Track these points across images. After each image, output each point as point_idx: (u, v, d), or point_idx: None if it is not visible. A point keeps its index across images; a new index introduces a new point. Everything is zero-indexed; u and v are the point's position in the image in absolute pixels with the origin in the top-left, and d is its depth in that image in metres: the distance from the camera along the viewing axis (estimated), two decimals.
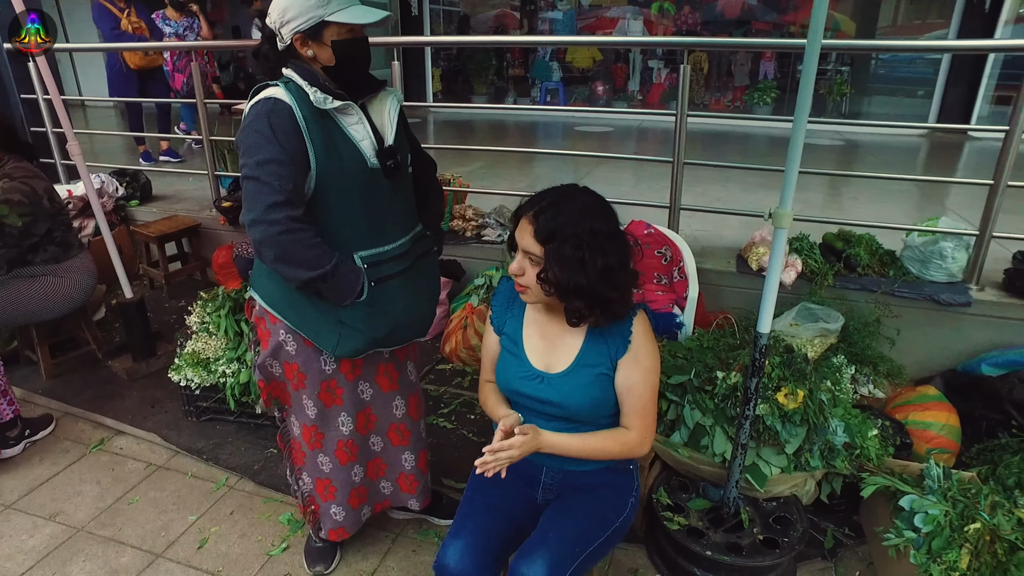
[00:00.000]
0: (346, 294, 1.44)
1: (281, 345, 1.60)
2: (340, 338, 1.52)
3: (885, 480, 1.85)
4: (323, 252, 1.39)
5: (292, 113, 1.37)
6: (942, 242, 2.71)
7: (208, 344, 2.45)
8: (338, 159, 1.42)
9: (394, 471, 1.86)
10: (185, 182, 4.57)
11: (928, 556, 1.66)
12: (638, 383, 1.38)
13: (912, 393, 2.39)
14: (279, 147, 1.34)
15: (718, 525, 1.93)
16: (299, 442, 1.77)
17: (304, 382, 1.64)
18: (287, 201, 1.34)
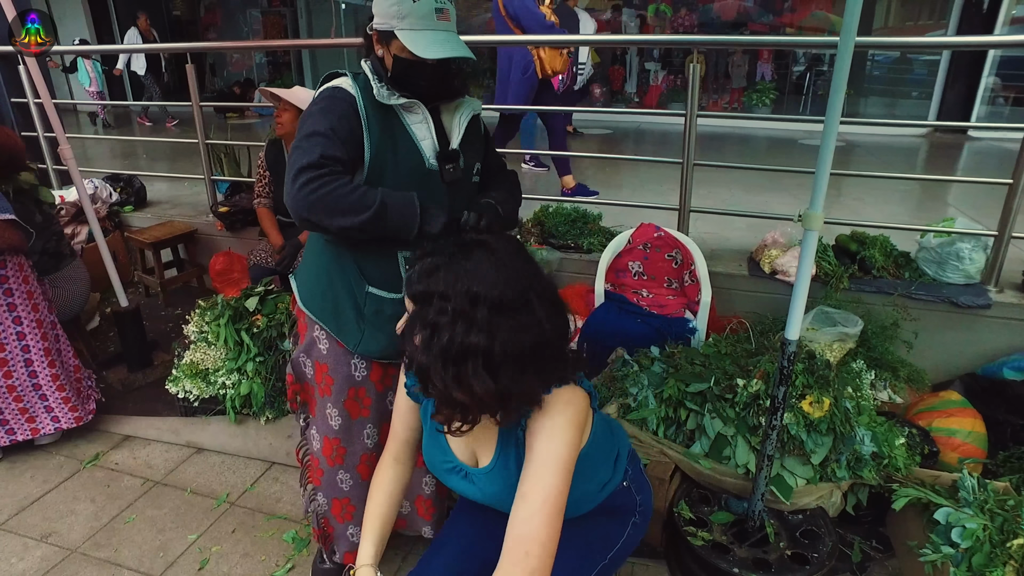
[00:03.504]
0: (409, 223, 1.33)
1: (315, 342, 1.55)
2: (363, 336, 1.46)
3: (918, 492, 1.78)
4: (364, 193, 1.30)
5: (353, 102, 1.36)
6: (959, 243, 2.65)
7: (207, 354, 2.36)
8: (393, 153, 1.38)
9: (413, 492, 1.77)
10: (180, 187, 4.48)
11: (969, 573, 1.58)
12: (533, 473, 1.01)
13: (935, 399, 2.33)
14: (328, 124, 1.33)
15: (743, 540, 1.85)
16: (318, 458, 1.67)
17: (331, 388, 1.56)
18: (319, 163, 1.29)
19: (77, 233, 3.47)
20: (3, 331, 2.26)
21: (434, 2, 1.30)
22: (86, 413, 2.48)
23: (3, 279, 2.23)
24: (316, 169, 1.28)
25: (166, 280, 3.58)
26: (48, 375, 2.35)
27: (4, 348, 2.27)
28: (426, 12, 1.30)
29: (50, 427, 2.38)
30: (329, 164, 1.30)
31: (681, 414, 2.06)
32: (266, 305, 2.40)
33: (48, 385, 2.36)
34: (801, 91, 8.39)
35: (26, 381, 2.32)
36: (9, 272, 2.23)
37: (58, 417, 2.39)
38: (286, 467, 2.36)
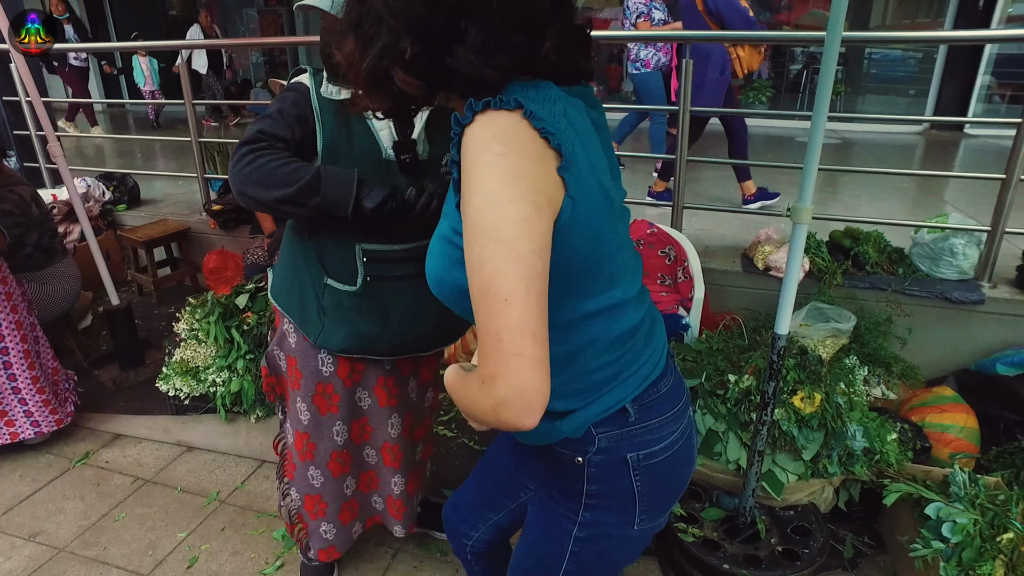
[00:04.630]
0: (344, 196, 1.27)
1: (285, 335, 1.56)
2: (323, 328, 1.45)
3: (909, 487, 1.77)
4: (298, 166, 1.28)
5: (307, 92, 1.37)
6: (952, 239, 2.65)
7: (197, 352, 2.34)
8: (349, 143, 1.37)
9: (384, 491, 1.76)
10: (173, 185, 4.46)
11: (959, 568, 1.57)
12: (466, 261, 0.75)
13: (928, 394, 2.32)
14: (276, 108, 1.35)
15: (734, 536, 1.84)
16: (291, 452, 1.68)
17: (300, 381, 1.55)
18: (256, 138, 1.31)
19: (69, 232, 3.46)
20: None
21: None
22: (65, 415, 2.45)
23: None
24: (253, 143, 1.30)
25: (159, 279, 3.57)
26: (28, 377, 2.32)
27: None
28: None
29: (29, 431, 2.35)
30: (267, 139, 1.31)
31: None
32: (256, 302, 2.39)
33: (28, 388, 2.33)
34: (798, 89, 8.38)
35: (5, 384, 2.29)
36: None
37: (38, 421, 2.36)
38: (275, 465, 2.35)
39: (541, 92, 0.78)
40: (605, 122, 0.92)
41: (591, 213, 0.79)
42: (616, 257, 0.87)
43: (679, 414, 0.96)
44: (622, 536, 0.97)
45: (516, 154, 0.73)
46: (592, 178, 0.80)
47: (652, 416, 0.92)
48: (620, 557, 1.02)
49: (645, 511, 0.96)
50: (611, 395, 0.90)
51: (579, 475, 0.93)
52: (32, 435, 2.37)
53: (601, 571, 1.03)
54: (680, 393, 0.98)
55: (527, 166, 0.73)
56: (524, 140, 0.73)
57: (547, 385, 0.73)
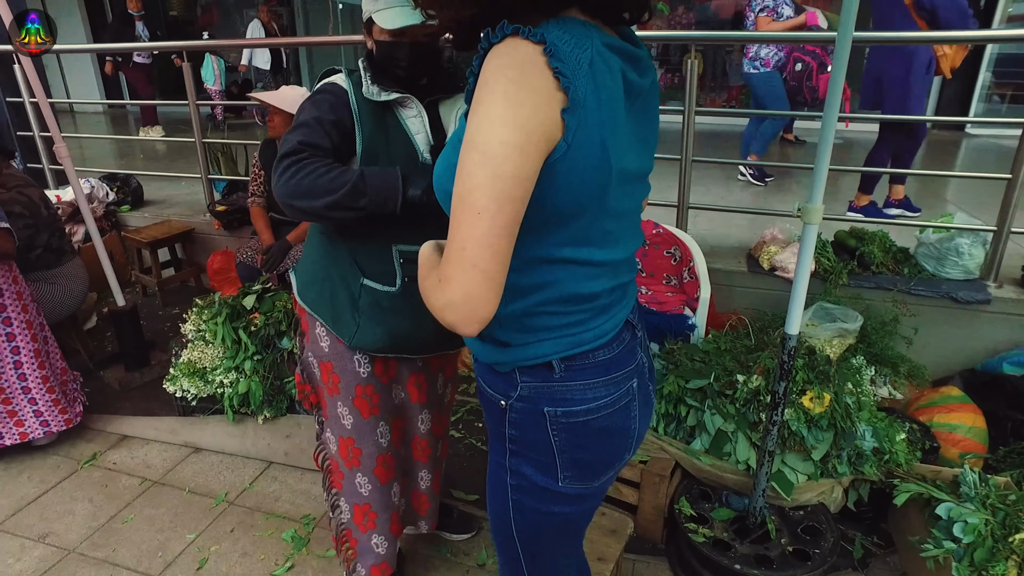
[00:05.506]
0: (391, 192, 1.28)
1: (317, 339, 1.53)
2: (358, 328, 1.44)
3: (919, 487, 1.78)
4: (340, 171, 1.29)
5: (344, 96, 1.38)
6: (958, 239, 2.65)
7: (204, 353, 2.34)
8: (386, 146, 1.38)
9: (410, 485, 1.76)
10: (177, 186, 4.46)
11: (971, 568, 1.58)
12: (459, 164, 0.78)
13: (935, 394, 2.32)
14: (313, 115, 1.35)
15: (744, 536, 1.85)
16: (336, 460, 1.62)
17: (338, 386, 1.53)
18: (296, 149, 1.32)
19: (73, 232, 3.46)
20: None
21: None
22: (74, 415, 2.46)
23: None
24: (294, 155, 1.30)
25: (163, 280, 3.57)
26: (38, 377, 2.33)
27: None
28: None
29: (39, 431, 2.36)
30: (308, 149, 1.31)
31: (681, 410, 2.05)
32: (264, 303, 2.39)
33: (38, 388, 2.33)
34: None
35: (15, 384, 2.30)
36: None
37: (47, 421, 2.36)
38: (284, 467, 2.35)
39: (574, 37, 0.79)
40: (651, 89, 0.93)
41: (582, 164, 0.81)
42: (598, 217, 0.88)
43: (614, 382, 0.96)
44: (550, 491, 0.99)
45: (525, 83, 0.76)
46: (597, 133, 0.81)
47: (579, 378, 0.94)
48: (558, 512, 1.02)
49: (568, 468, 0.97)
50: (544, 345, 0.93)
51: (502, 419, 0.98)
52: (41, 434, 2.37)
53: (545, 527, 1.05)
54: (624, 363, 0.98)
55: (532, 98, 0.76)
56: (537, 73, 0.76)
57: (495, 302, 0.78)
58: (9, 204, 2.39)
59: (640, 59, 0.90)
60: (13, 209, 2.39)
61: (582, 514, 1.08)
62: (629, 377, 0.99)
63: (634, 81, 0.88)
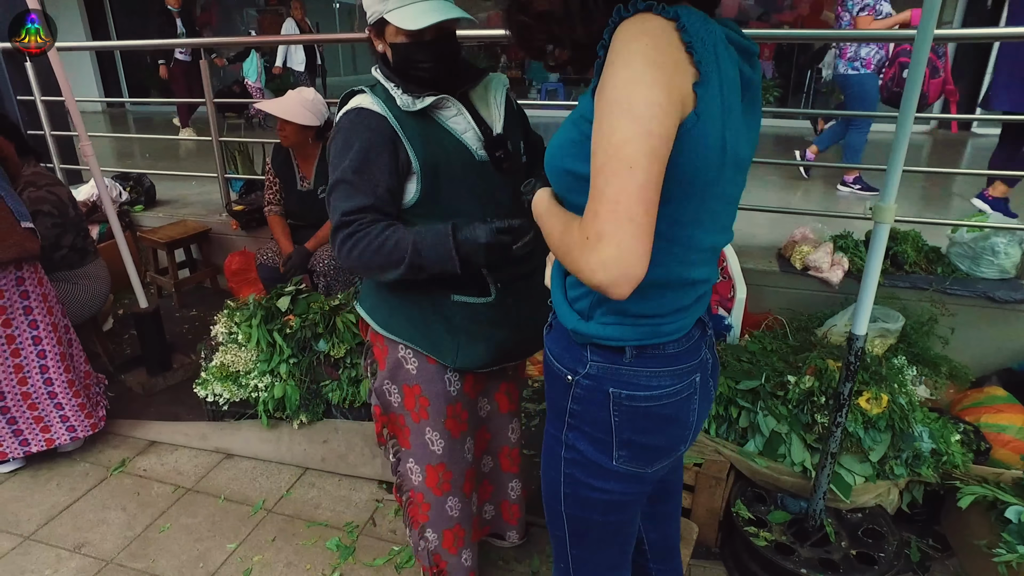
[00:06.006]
0: (446, 260, 1.22)
1: (400, 364, 1.43)
2: (459, 347, 1.37)
3: (985, 490, 1.75)
4: (394, 243, 1.23)
5: (383, 121, 1.27)
6: (994, 238, 2.64)
7: (238, 356, 2.28)
8: (442, 155, 1.29)
9: (499, 496, 1.71)
10: (188, 186, 4.38)
11: None
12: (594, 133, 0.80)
13: (980, 394, 2.30)
14: (352, 165, 1.25)
15: (803, 539, 1.82)
16: (422, 492, 1.54)
17: (427, 410, 1.44)
18: (343, 223, 1.25)
19: None
20: (19, 336, 2.16)
21: None
22: (99, 419, 2.39)
23: (20, 280, 2.14)
24: (344, 229, 1.25)
25: (180, 280, 3.49)
26: (64, 381, 2.26)
27: (19, 353, 2.18)
28: None
29: (65, 436, 2.29)
30: (355, 217, 1.24)
31: (732, 412, 2.02)
32: (298, 305, 2.33)
33: (64, 392, 2.27)
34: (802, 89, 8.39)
35: (41, 388, 2.23)
36: (25, 274, 2.14)
37: (74, 426, 2.30)
38: (321, 472, 2.30)
39: (701, 22, 0.82)
40: (758, 85, 0.95)
41: (706, 141, 0.82)
42: (711, 199, 0.89)
43: (679, 374, 0.99)
44: (603, 468, 1.03)
45: (662, 50, 0.78)
46: (719, 114, 0.83)
47: (646, 365, 0.97)
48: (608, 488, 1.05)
49: (623, 447, 1.00)
50: (625, 330, 0.96)
51: (566, 392, 1.01)
52: (68, 440, 2.30)
53: (593, 504, 1.08)
54: (690, 358, 1.01)
55: (670, 64, 0.78)
56: (672, 45, 0.78)
57: (647, 261, 0.77)
58: (39, 203, 2.33)
59: (753, 54, 0.93)
60: (42, 208, 2.33)
61: (630, 498, 1.10)
62: (693, 371, 1.02)
63: (747, 74, 0.91)
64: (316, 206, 2.92)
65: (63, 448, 2.35)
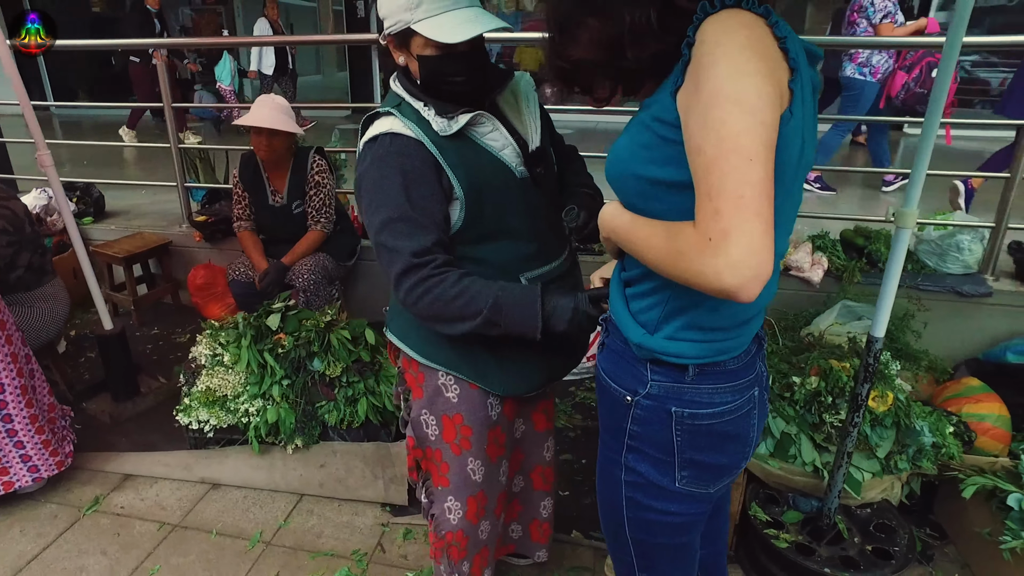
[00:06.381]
0: (528, 325, 1.15)
1: (439, 392, 1.34)
2: (507, 374, 1.30)
3: (986, 479, 1.83)
4: (471, 295, 1.14)
5: (421, 148, 1.16)
6: (959, 235, 2.79)
7: (226, 380, 2.13)
8: (483, 177, 1.21)
9: (528, 515, 1.65)
10: (139, 195, 4.10)
11: None
12: (696, 128, 0.75)
13: (960, 386, 2.42)
14: (404, 198, 1.14)
15: (818, 538, 1.85)
16: (461, 528, 1.45)
17: (470, 439, 1.36)
18: (413, 265, 1.14)
19: None
20: None
21: None
22: (65, 456, 2.19)
23: None
24: (414, 273, 1.14)
25: (139, 297, 3.26)
26: (25, 417, 2.05)
27: None
28: None
29: (27, 478, 2.08)
30: (428, 259, 1.14)
31: None
32: (289, 323, 2.20)
33: (25, 429, 2.05)
34: None
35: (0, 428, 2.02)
36: None
37: (37, 466, 2.09)
38: (319, 499, 2.18)
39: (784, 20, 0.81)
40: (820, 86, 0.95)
41: (792, 140, 0.80)
42: (788, 199, 0.87)
43: (740, 388, 0.98)
44: (666, 489, 1.01)
45: (763, 43, 0.76)
46: (801, 115, 0.81)
47: (708, 382, 0.95)
48: (671, 511, 1.03)
49: (685, 468, 0.99)
50: (689, 347, 0.93)
51: (625, 414, 0.99)
52: (30, 482, 2.09)
53: (657, 527, 1.06)
54: (748, 372, 1.00)
55: (771, 58, 0.76)
56: (767, 40, 0.77)
57: (773, 257, 0.72)
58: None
59: (818, 58, 0.91)
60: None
61: (694, 519, 1.08)
62: (751, 385, 1.01)
63: (813, 77, 0.89)
64: (289, 221, 2.79)
65: (23, 490, 2.14)
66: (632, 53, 0.85)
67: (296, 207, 2.78)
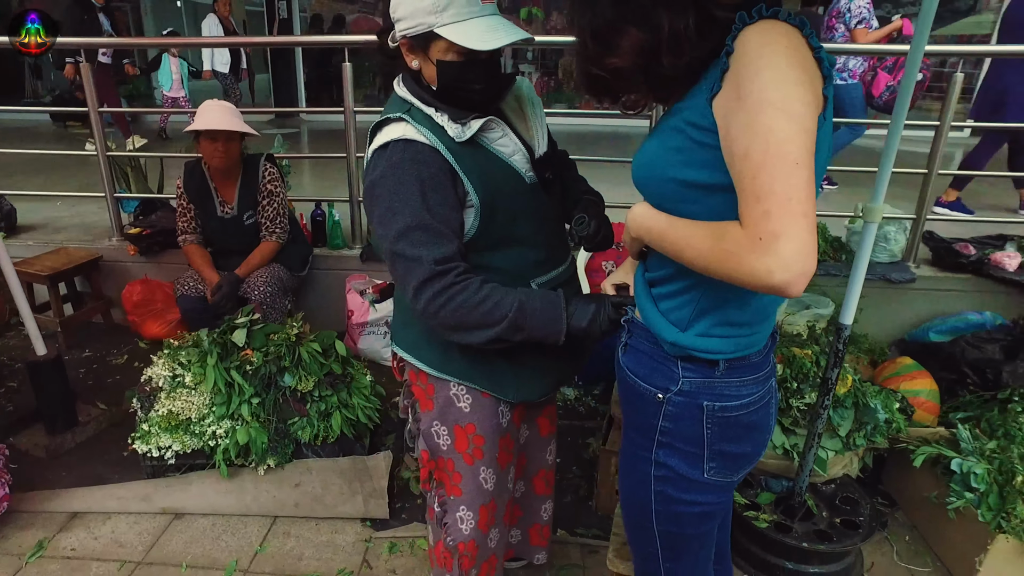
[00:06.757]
0: (552, 328, 1.15)
1: (451, 402, 1.31)
2: (521, 381, 1.29)
3: (933, 448, 2.01)
4: (495, 301, 1.13)
5: (438, 156, 1.14)
6: (886, 227, 3.04)
7: (189, 402, 2.00)
8: (497, 184, 1.20)
9: (529, 520, 1.64)
10: (52, 207, 3.75)
11: (990, 511, 1.82)
12: (740, 134, 0.79)
13: (896, 365, 2.64)
14: (422, 205, 1.11)
15: (791, 516, 1.96)
16: (473, 538, 1.42)
17: (482, 447, 1.34)
18: (436, 273, 1.11)
19: None
20: None
21: None
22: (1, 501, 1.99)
23: None
24: (437, 281, 1.11)
25: (67, 318, 2.99)
26: None
27: None
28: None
29: None
30: (451, 267, 1.12)
31: None
32: (255, 338, 2.09)
33: None
34: None
35: None
36: None
37: None
38: (295, 519, 2.09)
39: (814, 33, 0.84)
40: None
41: (823, 145, 0.85)
42: None
43: (761, 379, 1.04)
44: (696, 481, 1.05)
45: (802, 53, 0.80)
46: (826, 122, 0.86)
47: (735, 375, 1.00)
48: (701, 501, 1.08)
49: (713, 459, 1.03)
50: (720, 342, 0.98)
51: (656, 411, 1.03)
52: None
53: (685, 517, 1.10)
54: (767, 362, 1.07)
55: (809, 67, 0.81)
56: (804, 50, 0.81)
57: (816, 254, 0.77)
58: None
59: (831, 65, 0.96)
60: None
61: (718, 507, 1.13)
62: (769, 376, 1.07)
63: None
64: (241, 232, 2.66)
65: None
66: (669, 60, 0.88)
67: (248, 217, 2.64)
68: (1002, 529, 1.78)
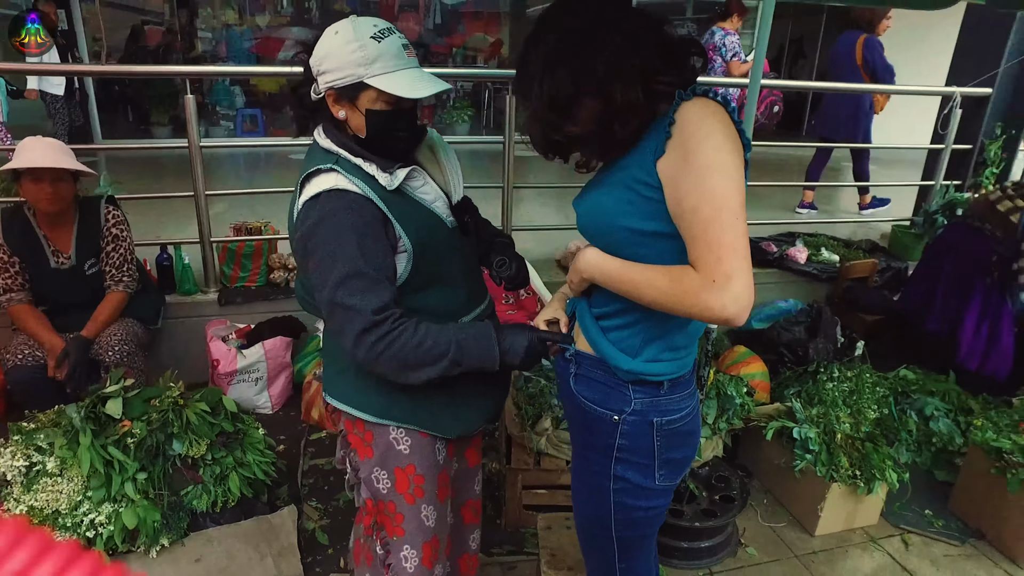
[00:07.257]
0: (487, 355, 1.22)
1: (391, 447, 1.32)
2: (459, 415, 1.35)
3: (779, 422, 2.43)
4: (434, 340, 1.19)
5: (371, 204, 1.18)
6: None
7: (56, 492, 1.73)
8: (424, 230, 1.26)
9: (458, 551, 1.66)
10: None
11: (824, 467, 2.26)
12: (689, 192, 0.95)
13: (734, 354, 3.11)
14: (358, 254, 1.15)
15: (680, 500, 2.25)
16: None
17: (423, 486, 1.35)
18: (374, 323, 1.15)
19: None
20: None
21: (398, 38, 1.19)
22: None
23: None
24: (376, 329, 1.15)
25: None
26: None
27: None
28: (396, 50, 1.17)
29: None
30: (387, 315, 1.16)
31: None
32: (132, 406, 1.86)
33: None
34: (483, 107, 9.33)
35: None
36: None
37: None
38: None
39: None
40: None
41: None
42: None
43: (691, 392, 1.24)
44: (647, 488, 1.21)
45: (729, 127, 0.98)
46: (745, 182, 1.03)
47: (676, 392, 1.18)
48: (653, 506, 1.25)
49: (663, 467, 1.20)
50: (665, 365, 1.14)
51: (613, 431, 1.17)
52: None
53: (640, 519, 1.26)
54: (692, 378, 1.26)
55: (735, 136, 0.99)
56: (730, 123, 0.99)
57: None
58: None
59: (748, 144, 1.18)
60: None
61: (664, 508, 1.33)
62: (696, 389, 1.29)
63: None
64: (82, 285, 2.34)
65: None
66: (620, 127, 1.03)
67: (90, 267, 2.33)
68: (834, 479, 2.22)
